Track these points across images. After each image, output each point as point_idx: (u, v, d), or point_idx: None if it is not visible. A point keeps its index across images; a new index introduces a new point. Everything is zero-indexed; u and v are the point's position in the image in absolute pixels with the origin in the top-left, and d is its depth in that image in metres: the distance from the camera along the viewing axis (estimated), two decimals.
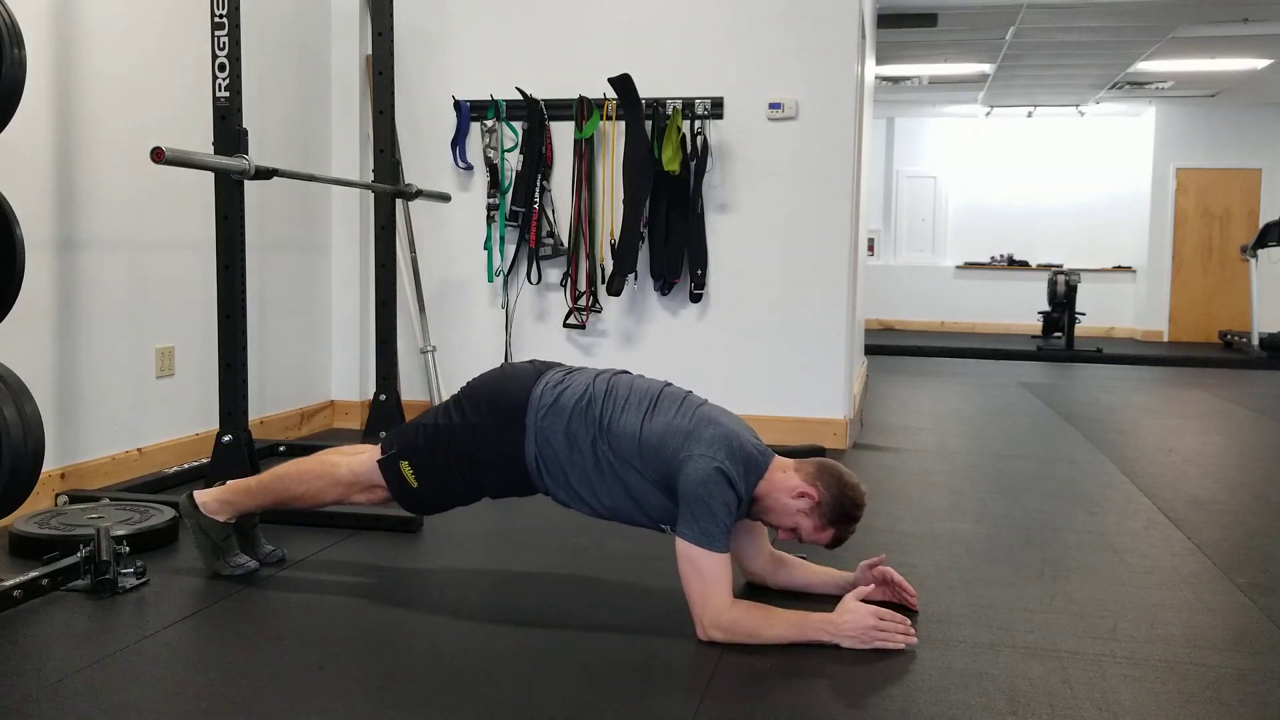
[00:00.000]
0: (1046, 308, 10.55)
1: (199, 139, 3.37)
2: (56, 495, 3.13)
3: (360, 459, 2.41)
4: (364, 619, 2.29)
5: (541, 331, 4.67)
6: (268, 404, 4.25)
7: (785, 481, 2.22)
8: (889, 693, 1.92)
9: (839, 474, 2.24)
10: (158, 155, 2.64)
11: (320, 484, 2.43)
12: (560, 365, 2.42)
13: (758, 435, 2.30)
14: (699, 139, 4.41)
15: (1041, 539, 3.05)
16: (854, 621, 2.10)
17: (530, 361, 2.45)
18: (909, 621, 2.16)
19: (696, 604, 2.11)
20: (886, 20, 7.39)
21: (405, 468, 2.33)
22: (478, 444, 2.29)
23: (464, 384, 2.42)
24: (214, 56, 3.08)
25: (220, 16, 3.07)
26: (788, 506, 2.22)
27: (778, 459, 2.27)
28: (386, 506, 2.48)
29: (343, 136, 4.70)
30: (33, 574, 2.29)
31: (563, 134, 4.56)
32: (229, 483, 2.54)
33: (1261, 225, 10.15)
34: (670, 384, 2.37)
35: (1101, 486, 3.81)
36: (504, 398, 2.30)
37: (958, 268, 12.34)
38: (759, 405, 4.24)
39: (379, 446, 2.41)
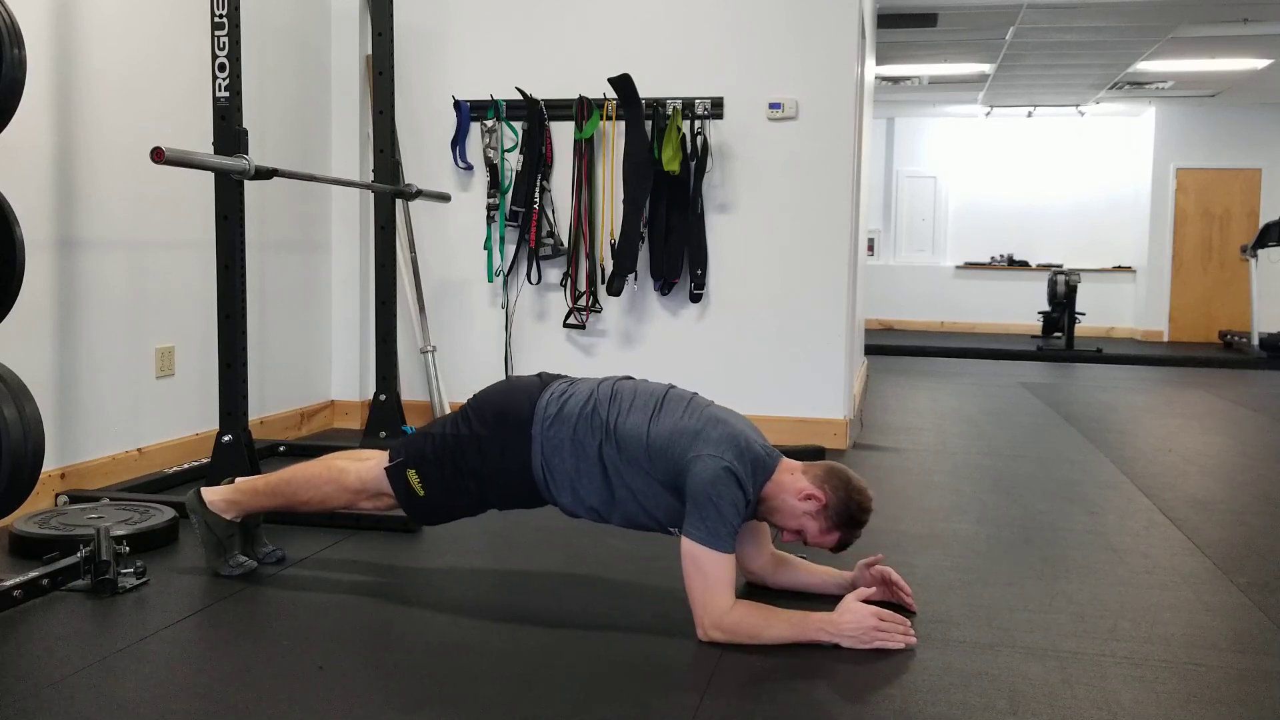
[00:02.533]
0: (1046, 308, 10.56)
1: (199, 139, 3.37)
2: (56, 495, 3.13)
3: (368, 465, 2.41)
4: (364, 619, 2.29)
5: (541, 331, 4.67)
6: (268, 404, 4.26)
7: (793, 483, 2.22)
8: (889, 693, 1.92)
9: (847, 477, 2.24)
10: (158, 155, 2.64)
11: (328, 489, 2.44)
12: (565, 377, 2.42)
13: (764, 436, 2.30)
14: (699, 139, 4.41)
15: (1041, 539, 3.05)
16: (854, 621, 2.10)
17: (538, 374, 2.44)
18: (908, 622, 2.17)
19: (698, 604, 2.11)
20: (886, 20, 7.39)
21: (412, 476, 2.33)
22: (484, 456, 2.29)
23: (472, 394, 2.42)
24: (214, 56, 3.08)
25: (220, 16, 3.07)
26: (794, 508, 2.22)
27: (785, 460, 2.27)
28: (391, 512, 2.48)
29: (343, 136, 4.70)
30: (33, 574, 2.29)
31: (563, 134, 4.56)
32: (237, 482, 2.54)
33: (1261, 225, 10.15)
34: (674, 386, 2.37)
35: (1101, 486, 3.81)
36: (510, 410, 2.30)
37: (958, 268, 12.35)
38: (759, 405, 4.23)
39: (386, 454, 2.41)
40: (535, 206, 4.53)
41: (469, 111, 4.64)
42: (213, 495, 2.50)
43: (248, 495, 2.50)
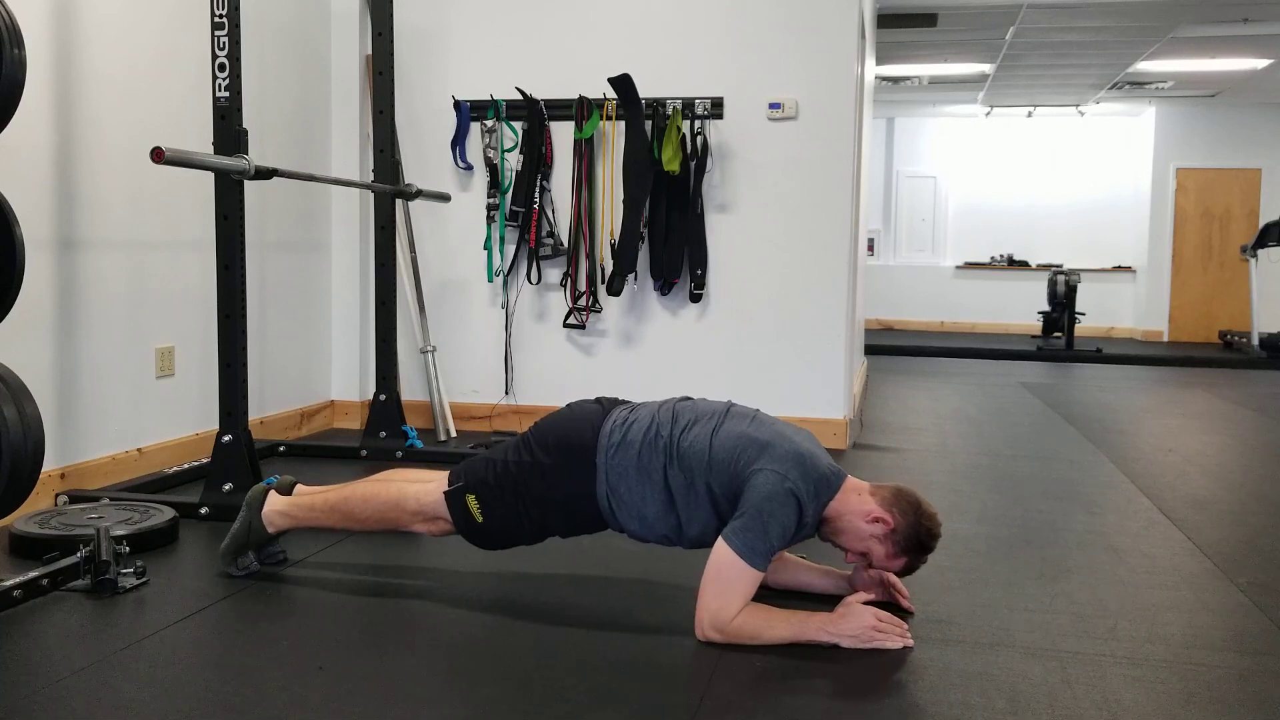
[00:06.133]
0: (1046, 308, 10.56)
1: (199, 139, 3.37)
2: (56, 495, 3.13)
3: (428, 489, 2.38)
4: (364, 619, 2.29)
5: (541, 331, 4.67)
6: (268, 404, 4.25)
7: (860, 505, 2.21)
8: (889, 693, 1.92)
9: (916, 501, 2.23)
10: (158, 155, 2.64)
11: (384, 509, 2.41)
12: (625, 402, 2.41)
13: (828, 454, 2.28)
14: (699, 139, 4.41)
15: (1041, 539, 3.05)
16: (854, 622, 2.10)
17: (597, 400, 2.42)
18: (906, 624, 2.17)
19: (705, 606, 2.10)
20: (886, 20, 7.39)
21: (471, 501, 2.31)
22: (548, 485, 2.27)
23: (533, 423, 2.40)
24: (214, 56, 3.08)
25: (220, 16, 3.07)
26: (860, 530, 2.20)
27: (851, 480, 2.26)
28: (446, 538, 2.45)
29: (343, 136, 4.70)
30: (33, 574, 2.29)
31: (563, 134, 4.56)
32: (298, 496, 2.51)
33: (1261, 225, 10.15)
34: (735, 403, 2.37)
35: (1101, 486, 3.81)
36: (574, 438, 2.28)
37: (958, 268, 12.34)
38: (759, 405, 4.20)
39: (446, 477, 2.39)
40: (535, 206, 4.53)
41: (469, 111, 4.64)
42: (272, 505, 2.48)
43: (306, 512, 2.47)
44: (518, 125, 4.58)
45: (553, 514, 2.30)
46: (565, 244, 4.57)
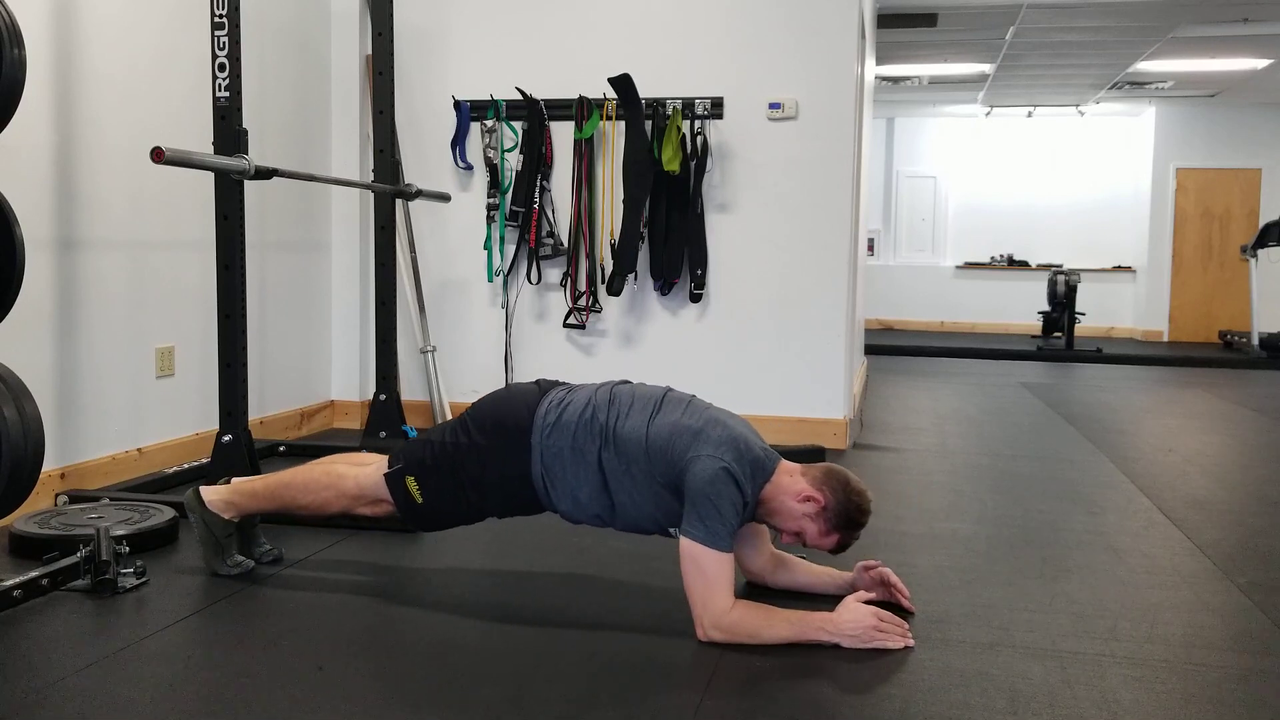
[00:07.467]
0: (1046, 308, 10.56)
1: (199, 139, 3.37)
2: (56, 495, 3.13)
3: (367, 471, 2.41)
4: (364, 619, 2.29)
5: (541, 331, 4.67)
6: (268, 404, 4.26)
7: (792, 485, 2.23)
8: (889, 693, 1.92)
9: (845, 479, 2.24)
10: (158, 155, 2.65)
11: (326, 495, 2.45)
12: (564, 384, 2.43)
13: (762, 439, 2.30)
14: (699, 139, 4.41)
15: (1041, 539, 3.05)
16: (855, 621, 2.10)
17: (536, 382, 2.44)
18: (906, 624, 2.17)
19: (697, 604, 2.11)
20: (886, 20, 7.39)
21: (410, 483, 2.34)
22: (484, 465, 2.30)
23: (471, 403, 2.43)
24: (214, 56, 3.08)
25: (220, 16, 3.08)
26: (793, 510, 2.22)
27: (784, 463, 2.28)
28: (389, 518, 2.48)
29: (343, 136, 4.70)
30: (33, 574, 2.28)
31: (563, 134, 4.56)
32: (234, 483, 2.54)
33: (1261, 225, 10.15)
34: (672, 389, 2.38)
35: (1101, 486, 3.81)
36: (508, 419, 2.31)
37: (958, 268, 12.34)
38: (759, 405, 4.24)
39: (386, 460, 2.41)
40: (535, 206, 4.53)
41: (469, 111, 4.64)
42: (211, 495, 2.50)
43: (246, 497, 2.50)
44: (518, 125, 4.58)
45: (489, 494, 2.32)
46: (565, 244, 4.57)
